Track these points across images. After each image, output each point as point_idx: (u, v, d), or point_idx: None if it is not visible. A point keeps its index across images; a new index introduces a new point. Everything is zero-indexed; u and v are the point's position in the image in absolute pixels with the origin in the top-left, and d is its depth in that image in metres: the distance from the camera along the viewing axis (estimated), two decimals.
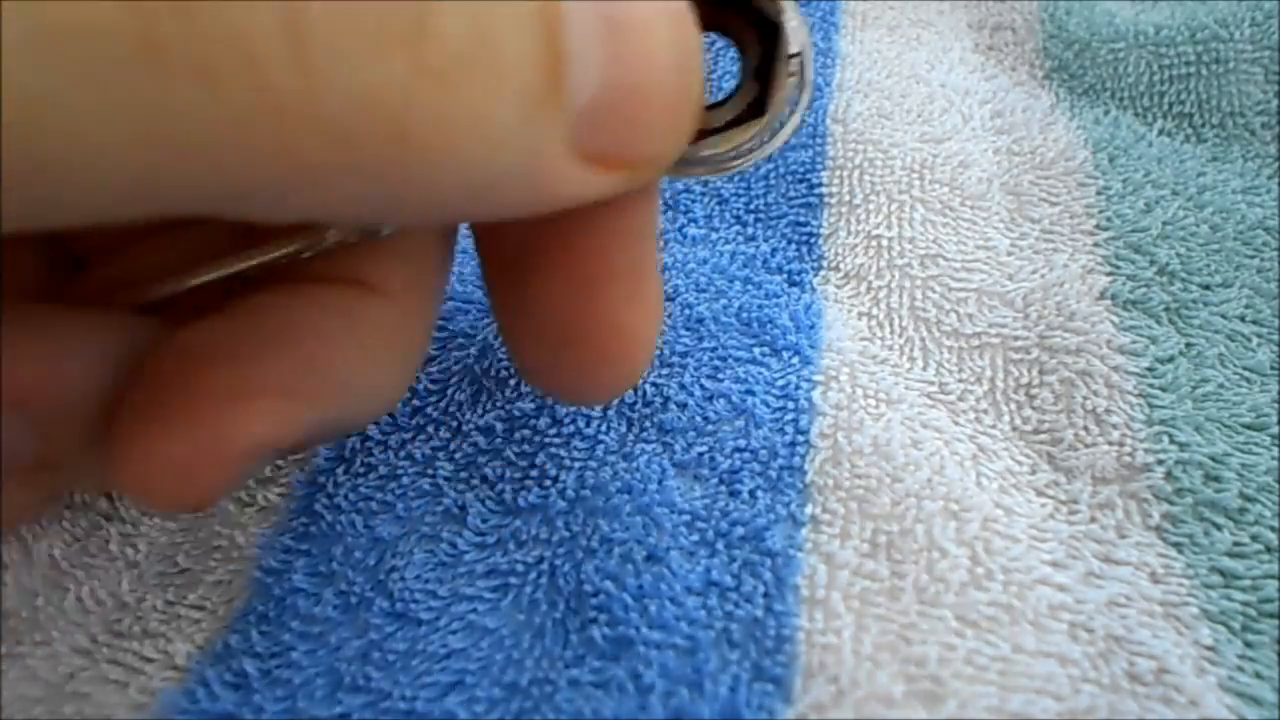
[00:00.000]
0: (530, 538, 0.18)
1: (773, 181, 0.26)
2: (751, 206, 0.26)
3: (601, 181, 0.13)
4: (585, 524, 0.18)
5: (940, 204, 0.24)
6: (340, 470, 0.19)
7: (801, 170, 0.26)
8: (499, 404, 0.20)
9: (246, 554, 0.18)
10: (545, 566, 0.17)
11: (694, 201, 0.27)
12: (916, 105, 0.28)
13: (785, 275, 0.24)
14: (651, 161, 0.14)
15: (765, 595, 0.16)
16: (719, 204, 0.26)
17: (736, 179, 0.27)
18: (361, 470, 0.19)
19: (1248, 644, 0.15)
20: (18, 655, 0.17)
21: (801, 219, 0.25)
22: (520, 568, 0.17)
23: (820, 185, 0.26)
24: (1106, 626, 0.16)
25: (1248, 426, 0.19)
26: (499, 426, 0.20)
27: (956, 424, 0.19)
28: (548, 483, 0.19)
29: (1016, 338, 0.21)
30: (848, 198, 0.25)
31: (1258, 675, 0.15)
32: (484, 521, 0.18)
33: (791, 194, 0.26)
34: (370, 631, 0.17)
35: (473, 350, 0.21)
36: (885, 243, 0.24)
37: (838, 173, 0.26)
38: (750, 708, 0.15)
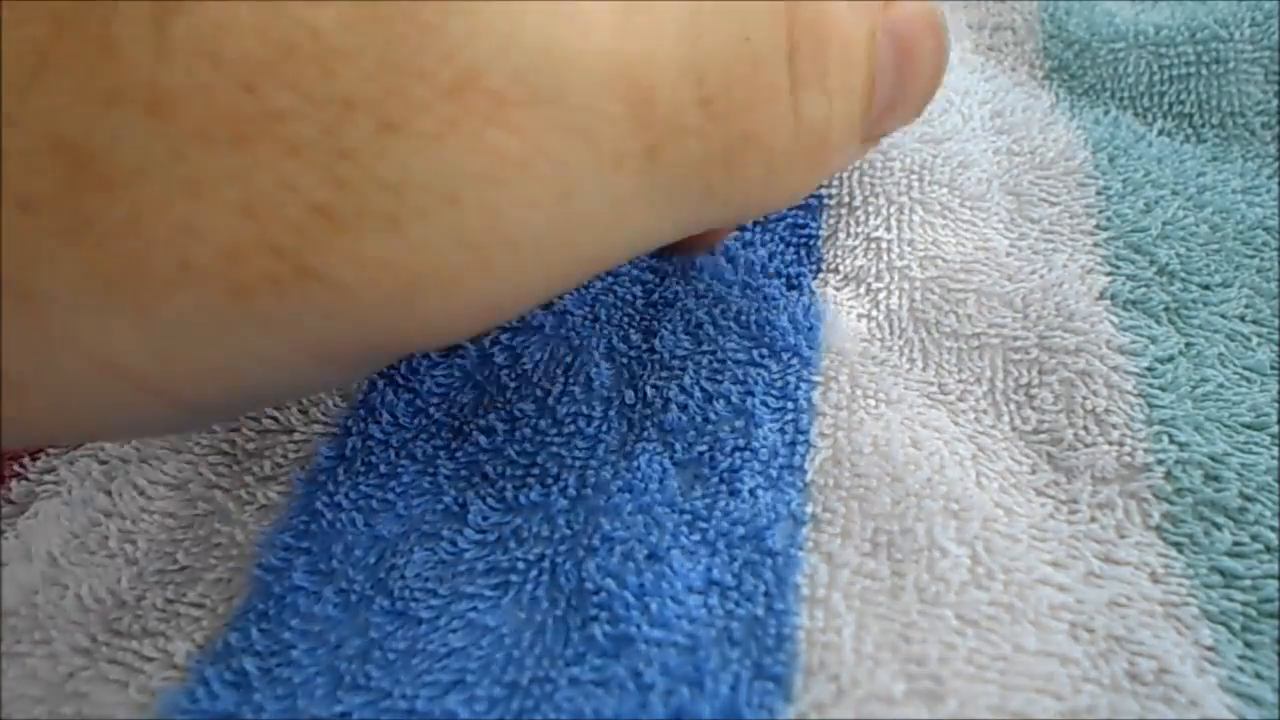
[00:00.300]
0: (531, 535, 0.18)
1: None
2: None
3: (867, 148, 0.17)
4: (586, 522, 0.18)
5: (939, 205, 0.25)
6: (341, 469, 0.19)
7: None
8: (500, 405, 0.20)
9: (246, 552, 0.18)
10: (546, 564, 0.17)
11: None
12: None
13: (784, 279, 0.24)
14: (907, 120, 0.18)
15: (766, 594, 0.16)
16: None
17: None
18: (362, 469, 0.19)
19: (1248, 644, 0.15)
20: (17, 654, 0.17)
21: (800, 221, 0.25)
22: (521, 565, 0.17)
23: (819, 187, 0.26)
24: (1107, 626, 0.16)
25: (1248, 426, 0.19)
26: (500, 427, 0.20)
27: (956, 424, 0.19)
28: (549, 481, 0.19)
29: (1016, 338, 0.21)
30: (847, 199, 0.25)
31: (1258, 676, 0.15)
32: (484, 519, 0.18)
33: None
34: (370, 630, 0.17)
35: (474, 356, 0.21)
36: (884, 245, 0.24)
37: (836, 174, 0.26)
38: (751, 706, 0.15)
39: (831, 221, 0.25)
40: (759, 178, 0.14)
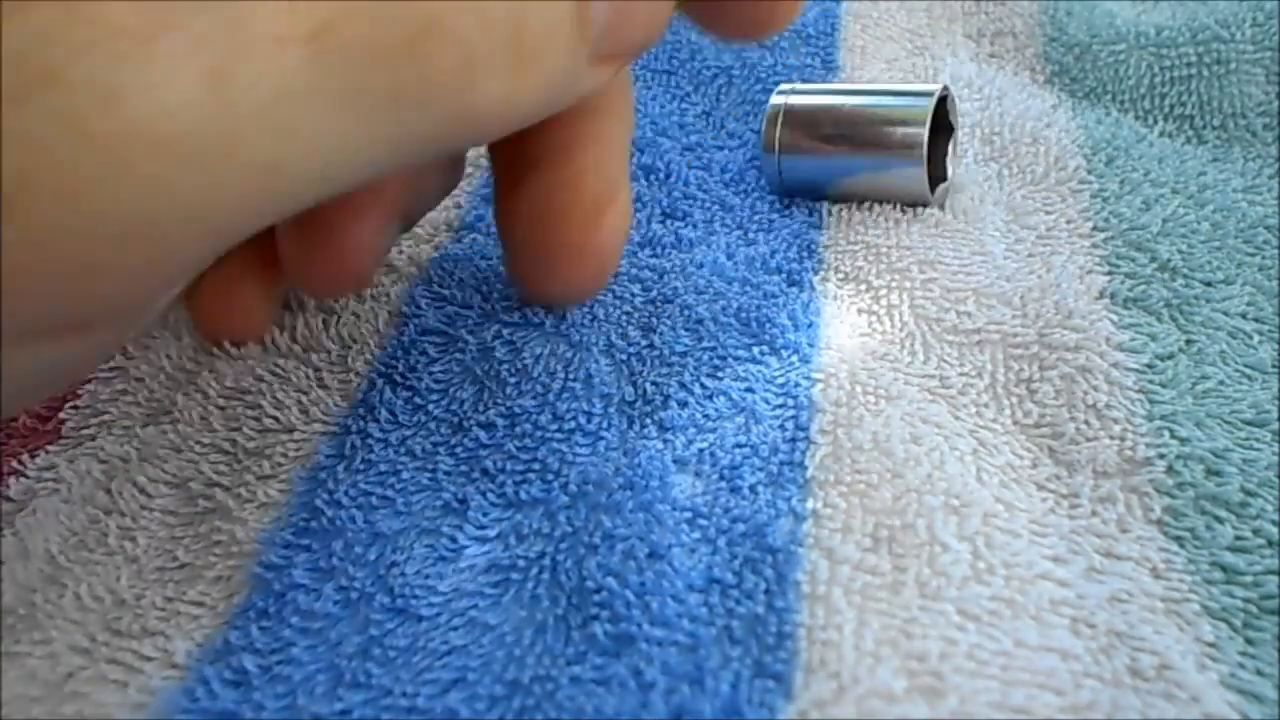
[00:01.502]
0: (532, 532, 0.18)
1: (772, 200, 0.27)
2: (752, 216, 0.26)
3: (607, 71, 0.17)
4: (587, 519, 0.18)
5: (934, 220, 0.25)
6: (340, 466, 0.19)
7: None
8: (500, 401, 0.20)
9: (246, 549, 0.18)
10: (547, 562, 0.17)
11: (693, 207, 0.27)
12: None
13: (784, 275, 0.24)
14: (641, 49, 0.18)
15: (766, 591, 0.16)
16: (721, 210, 0.27)
17: (739, 194, 0.27)
18: (362, 466, 0.19)
19: (1249, 640, 0.15)
20: (16, 654, 0.17)
21: (801, 231, 0.25)
22: (522, 563, 0.17)
23: (820, 208, 0.26)
24: (1108, 622, 0.16)
25: (1249, 423, 0.19)
26: (500, 423, 0.20)
27: (957, 419, 0.19)
28: (550, 477, 0.19)
29: (1015, 334, 0.21)
30: (845, 215, 0.26)
31: (1259, 672, 0.15)
32: (485, 515, 0.18)
33: (792, 213, 0.26)
34: (371, 627, 0.17)
35: (474, 352, 0.21)
36: (883, 250, 0.24)
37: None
38: (752, 704, 0.15)
39: (831, 233, 0.25)
40: (454, 76, 0.13)
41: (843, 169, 0.25)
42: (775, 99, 0.26)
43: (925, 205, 0.25)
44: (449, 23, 0.13)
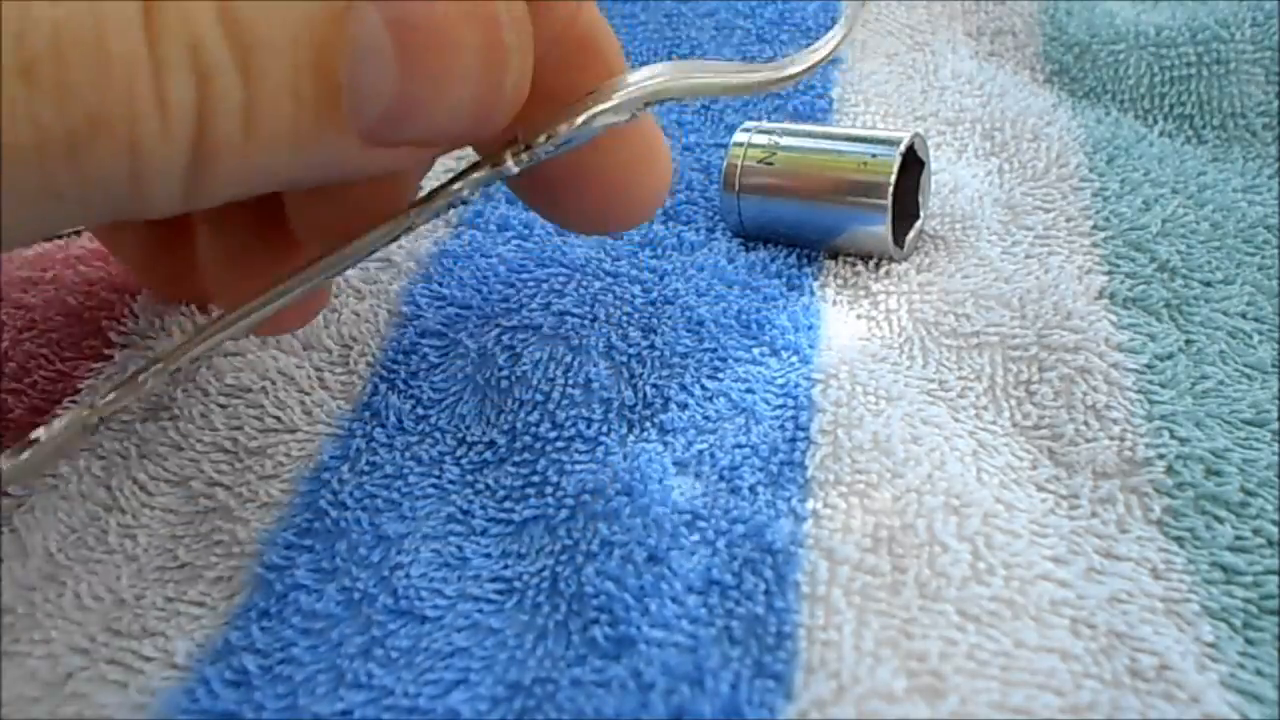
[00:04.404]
0: (532, 550, 0.18)
1: None
2: None
3: (401, 155, 0.15)
4: (586, 529, 0.18)
5: (930, 229, 0.25)
6: (345, 467, 0.19)
7: None
8: (504, 413, 0.20)
9: (248, 549, 0.18)
10: (547, 574, 0.17)
11: (696, 211, 0.27)
12: None
13: (784, 279, 0.24)
14: (460, 141, 0.16)
15: (766, 592, 0.16)
16: (721, 216, 0.27)
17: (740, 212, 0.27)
18: (367, 468, 0.19)
19: (1249, 641, 0.15)
20: (15, 654, 0.17)
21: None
22: (525, 575, 0.17)
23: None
24: (1108, 622, 0.16)
25: (1248, 422, 0.19)
26: (501, 440, 0.20)
27: (956, 420, 0.19)
28: (548, 489, 0.19)
29: (1014, 336, 0.21)
30: None
31: (1259, 673, 0.15)
32: (486, 534, 0.18)
33: None
34: (373, 628, 0.17)
35: (474, 357, 0.21)
36: (880, 258, 0.24)
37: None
38: (751, 705, 0.15)
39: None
40: (120, 178, 0.12)
41: (804, 217, 0.24)
42: (739, 135, 0.25)
43: (891, 260, 0.24)
44: (117, 126, 0.12)
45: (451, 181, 0.17)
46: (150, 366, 0.16)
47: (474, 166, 0.17)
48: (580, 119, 0.16)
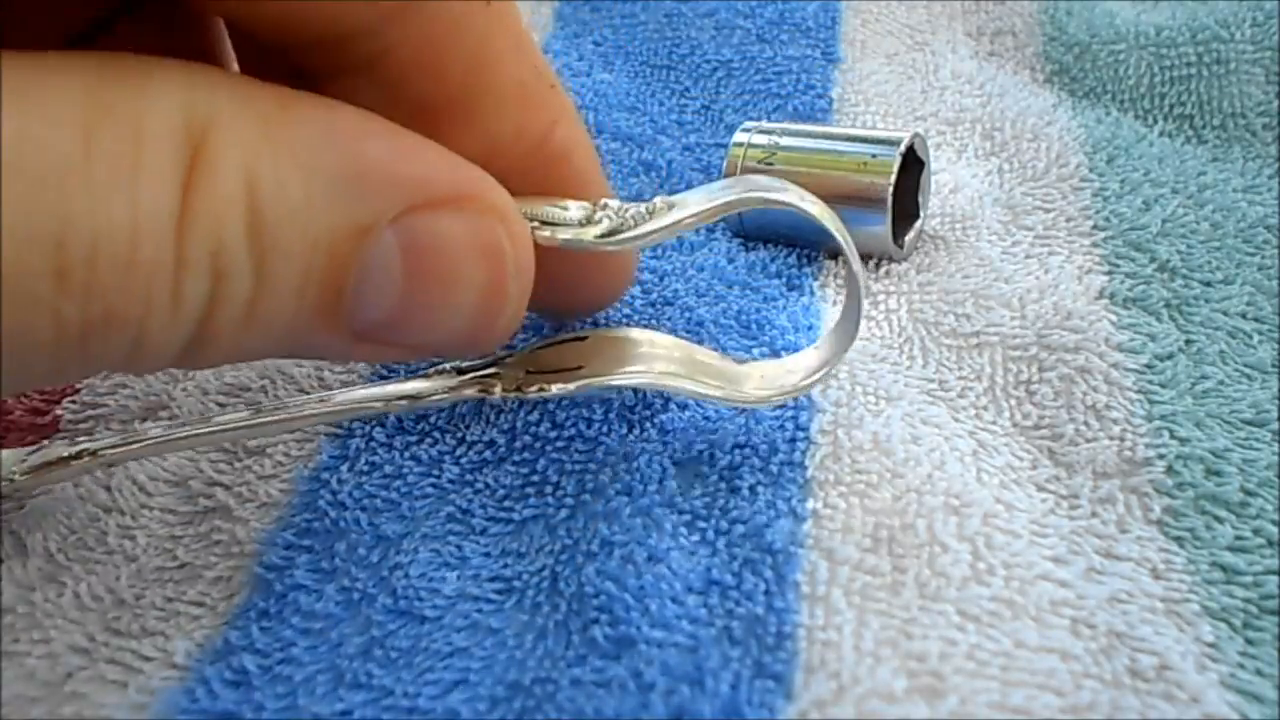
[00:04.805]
0: (532, 550, 0.18)
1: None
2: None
3: (389, 353, 0.16)
4: (585, 528, 0.18)
5: (932, 223, 0.25)
6: (344, 467, 0.19)
7: None
8: (503, 413, 0.20)
9: (247, 549, 0.18)
10: (547, 573, 0.17)
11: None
12: None
13: (784, 279, 0.24)
14: (446, 355, 0.18)
15: (766, 592, 0.16)
16: (722, 216, 0.26)
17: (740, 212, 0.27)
18: (366, 468, 0.19)
19: (1249, 641, 0.15)
20: (15, 654, 0.17)
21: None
22: (524, 575, 0.17)
23: None
24: (1108, 622, 0.16)
25: (1248, 422, 0.19)
26: (501, 440, 0.20)
27: (956, 420, 0.19)
28: (548, 489, 0.19)
29: (1014, 336, 0.21)
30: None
31: (1259, 673, 0.15)
32: (485, 534, 0.18)
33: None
34: (373, 628, 0.17)
35: (473, 358, 0.21)
36: (880, 258, 0.24)
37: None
38: (751, 705, 0.15)
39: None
40: (119, 359, 0.13)
41: (803, 219, 0.24)
42: (739, 135, 0.25)
43: (891, 260, 0.24)
44: (130, 321, 0.12)
45: (438, 393, 0.19)
46: (81, 455, 0.18)
47: (465, 384, 0.19)
48: (574, 385, 0.18)
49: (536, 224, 0.16)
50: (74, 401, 0.22)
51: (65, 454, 0.18)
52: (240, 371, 0.22)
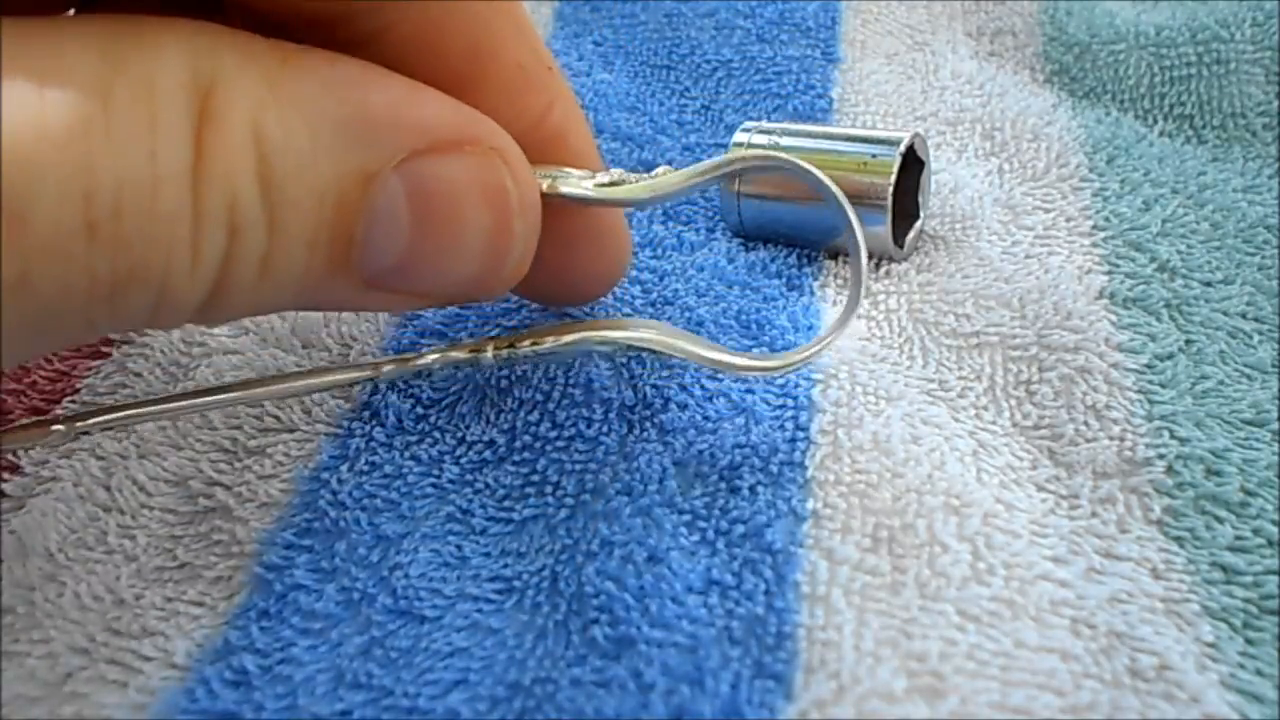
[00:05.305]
0: (532, 549, 0.18)
1: None
2: None
3: (399, 300, 0.16)
4: (585, 528, 0.18)
5: (930, 230, 0.25)
6: (344, 467, 0.19)
7: None
8: (503, 412, 0.20)
9: (247, 549, 0.18)
10: (547, 573, 0.17)
11: (696, 212, 0.27)
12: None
13: (784, 279, 0.24)
14: (455, 301, 0.18)
15: (766, 592, 0.16)
16: (721, 215, 0.27)
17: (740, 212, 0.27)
18: (366, 468, 0.19)
19: (1249, 641, 0.15)
20: (15, 654, 0.17)
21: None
22: (524, 575, 0.17)
23: None
24: (1108, 622, 0.16)
25: (1248, 422, 0.19)
26: (501, 440, 0.20)
27: (956, 420, 0.19)
28: (548, 489, 0.19)
29: (1014, 336, 0.21)
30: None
31: (1259, 673, 0.15)
32: (485, 534, 0.18)
33: None
34: (373, 628, 0.17)
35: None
36: (881, 259, 0.24)
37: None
38: (751, 705, 0.15)
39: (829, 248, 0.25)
40: (143, 315, 0.13)
41: (804, 217, 0.24)
42: (739, 135, 0.25)
43: (891, 260, 0.24)
44: (154, 274, 0.12)
45: (431, 352, 0.19)
46: (64, 421, 0.18)
47: (455, 346, 0.19)
48: (568, 338, 0.18)
49: (540, 175, 0.17)
50: (74, 401, 0.22)
51: (51, 418, 0.18)
52: (240, 372, 0.22)
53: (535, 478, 0.19)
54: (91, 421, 0.18)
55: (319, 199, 0.14)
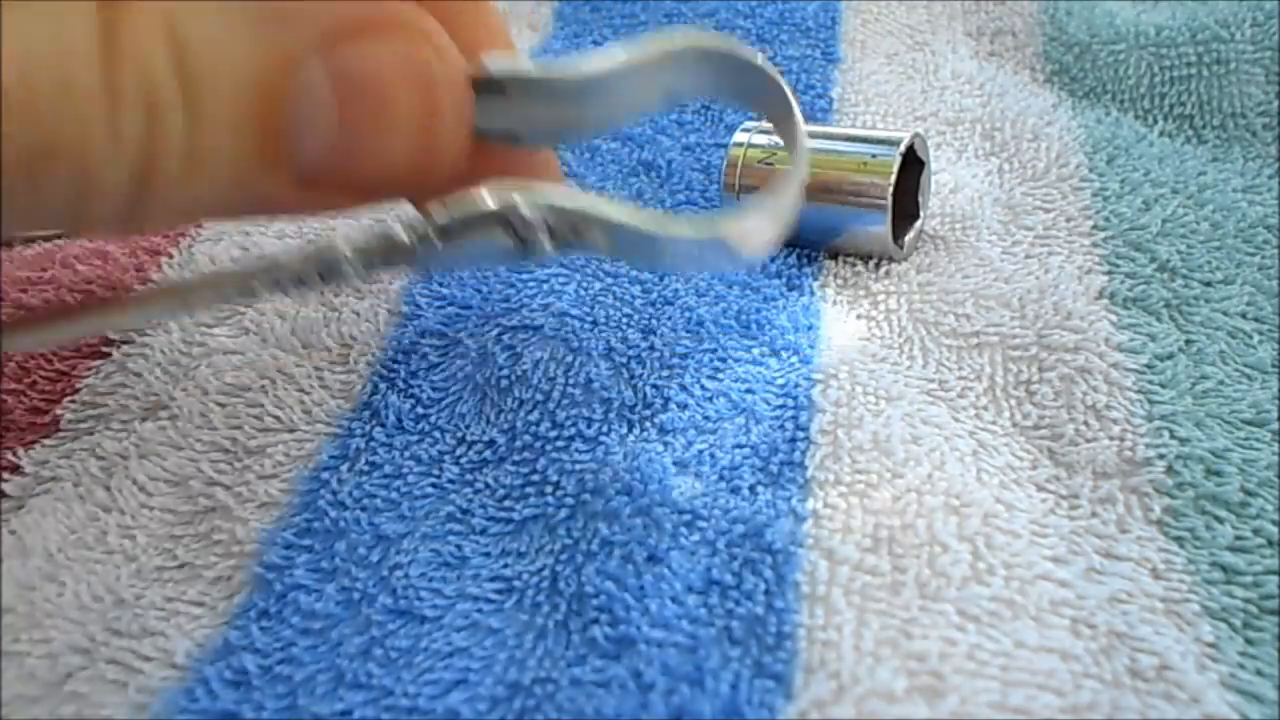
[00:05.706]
0: (532, 550, 0.18)
1: None
2: None
3: (337, 199, 0.16)
4: (586, 528, 0.18)
5: (930, 230, 0.25)
6: (344, 467, 0.19)
7: None
8: (503, 412, 0.20)
9: (247, 549, 0.18)
10: (547, 573, 0.17)
11: (696, 211, 0.27)
12: None
13: (784, 280, 0.24)
14: (397, 191, 0.17)
15: (766, 592, 0.16)
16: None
17: None
18: (366, 468, 0.19)
19: (1249, 641, 0.15)
20: (15, 654, 0.17)
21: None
22: (525, 576, 0.17)
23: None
24: (1108, 622, 0.16)
25: (1248, 422, 0.19)
26: (501, 440, 0.20)
27: (956, 420, 0.19)
28: (548, 489, 0.19)
29: (1014, 336, 0.21)
30: None
31: (1259, 673, 0.15)
32: (485, 534, 0.18)
33: None
34: (373, 628, 0.17)
35: (474, 356, 0.21)
36: (881, 258, 0.24)
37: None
38: (751, 705, 0.15)
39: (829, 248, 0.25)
40: (70, 198, 0.13)
41: (804, 217, 0.23)
42: (739, 135, 0.25)
43: (892, 259, 0.24)
44: (72, 153, 0.13)
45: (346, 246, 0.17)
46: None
47: (390, 226, 0.17)
48: (488, 203, 0.16)
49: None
50: (74, 401, 0.22)
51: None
52: (240, 372, 0.22)
53: (535, 478, 0.19)
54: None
55: (239, 84, 0.14)
